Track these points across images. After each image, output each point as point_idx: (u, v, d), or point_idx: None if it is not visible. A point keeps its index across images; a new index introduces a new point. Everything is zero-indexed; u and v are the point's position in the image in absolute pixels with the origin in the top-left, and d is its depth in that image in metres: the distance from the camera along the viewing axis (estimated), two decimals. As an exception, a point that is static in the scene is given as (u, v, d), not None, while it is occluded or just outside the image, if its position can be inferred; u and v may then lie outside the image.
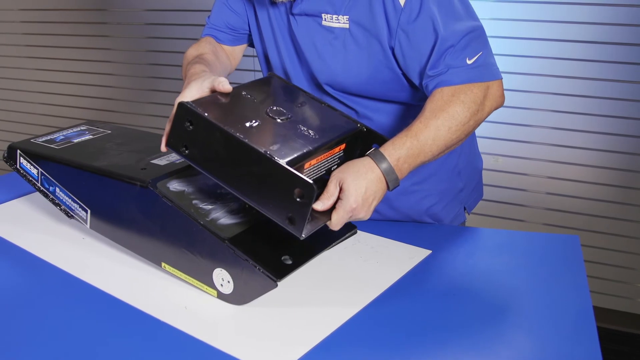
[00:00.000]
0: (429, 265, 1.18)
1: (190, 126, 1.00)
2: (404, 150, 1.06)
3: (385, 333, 0.99)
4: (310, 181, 0.90)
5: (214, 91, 1.08)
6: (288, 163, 0.94)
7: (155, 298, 1.09)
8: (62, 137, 1.38)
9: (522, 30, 2.23)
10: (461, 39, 1.14)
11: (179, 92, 3.14)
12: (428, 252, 1.22)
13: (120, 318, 1.05)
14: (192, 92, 1.06)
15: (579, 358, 0.93)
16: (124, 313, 1.06)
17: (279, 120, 1.04)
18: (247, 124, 0.99)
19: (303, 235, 0.94)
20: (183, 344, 0.98)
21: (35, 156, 1.32)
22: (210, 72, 1.18)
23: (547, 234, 1.33)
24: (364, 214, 1.03)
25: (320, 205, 0.99)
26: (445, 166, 1.37)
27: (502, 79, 1.18)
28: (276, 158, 0.93)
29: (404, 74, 1.22)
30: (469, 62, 1.14)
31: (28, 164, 1.33)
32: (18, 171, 1.36)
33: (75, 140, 1.36)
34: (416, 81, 1.20)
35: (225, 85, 1.06)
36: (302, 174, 0.93)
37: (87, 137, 1.38)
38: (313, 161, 1.01)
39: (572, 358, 0.93)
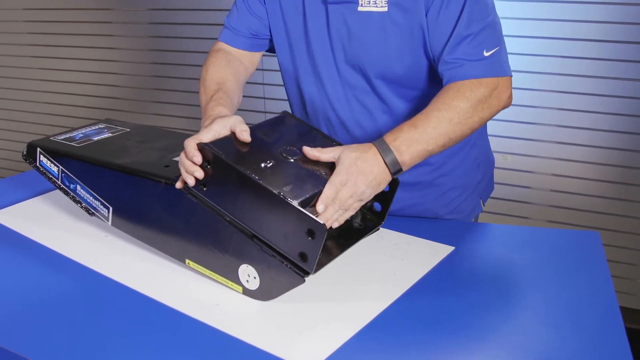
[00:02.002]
0: (452, 261, 1.19)
1: (208, 166, 1.05)
2: (400, 134, 1.10)
3: (415, 328, 1.00)
4: (322, 222, 0.96)
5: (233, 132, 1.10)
6: (300, 204, 0.99)
7: (181, 294, 1.10)
8: (81, 135, 1.38)
9: (530, 29, 2.24)
10: (482, 29, 1.16)
11: (183, 92, 3.15)
12: (451, 248, 1.23)
13: (146, 314, 1.05)
14: (211, 134, 1.08)
15: (607, 351, 0.93)
16: (150, 309, 1.06)
17: (292, 160, 1.08)
18: (262, 165, 1.04)
19: (313, 272, 1.01)
20: (212, 338, 0.98)
21: (55, 154, 1.32)
22: (231, 105, 1.20)
23: (567, 230, 1.35)
24: (362, 185, 1.04)
25: (311, 151, 1.08)
26: (468, 159, 1.39)
27: (511, 76, 1.20)
28: (289, 199, 0.98)
29: None
30: (486, 54, 1.16)
31: (48, 162, 1.33)
32: (38, 169, 1.36)
33: (94, 138, 1.36)
34: (435, 65, 1.22)
35: (245, 136, 1.08)
36: (313, 214, 0.98)
37: (106, 135, 1.38)
38: None
39: (599, 352, 0.93)
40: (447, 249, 1.22)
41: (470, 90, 1.14)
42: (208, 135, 1.06)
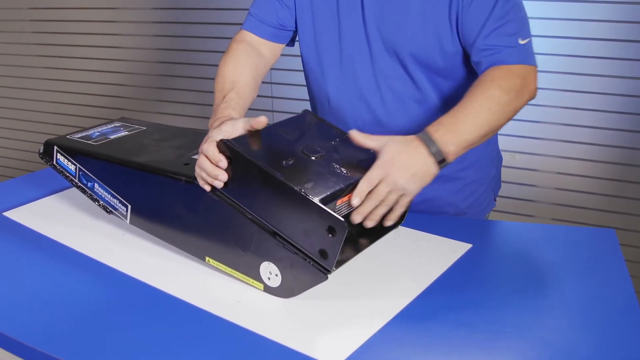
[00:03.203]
0: (471, 258, 1.20)
1: (230, 163, 1.05)
2: (442, 125, 1.10)
3: (437, 325, 1.00)
4: (342, 219, 0.96)
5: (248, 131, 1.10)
6: (321, 201, 0.99)
7: (202, 291, 1.10)
8: (98, 134, 1.38)
9: (536, 28, 2.24)
10: (516, 19, 1.20)
11: (188, 90, 3.14)
12: (469, 245, 1.23)
13: (167, 311, 1.05)
14: (221, 134, 1.08)
15: (629, 347, 0.94)
16: (171, 306, 1.06)
17: (312, 157, 1.09)
18: (283, 162, 1.05)
19: (333, 269, 1.01)
20: (234, 335, 0.98)
21: (73, 152, 1.32)
22: (242, 108, 1.20)
23: (583, 227, 1.36)
24: (401, 180, 1.03)
25: (357, 136, 1.08)
26: (485, 154, 1.41)
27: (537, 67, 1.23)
28: (310, 196, 0.99)
29: None
30: (521, 42, 1.19)
31: (65, 160, 1.34)
32: (54, 167, 1.37)
33: (111, 137, 1.36)
34: (468, 52, 1.24)
35: (260, 121, 1.06)
36: (334, 211, 0.99)
37: (123, 134, 1.38)
38: (345, 198, 1.06)
39: (622, 347, 0.94)
40: (465, 247, 1.23)
41: (504, 80, 1.16)
42: (219, 135, 1.06)
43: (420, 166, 1.06)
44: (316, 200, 0.99)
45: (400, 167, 1.04)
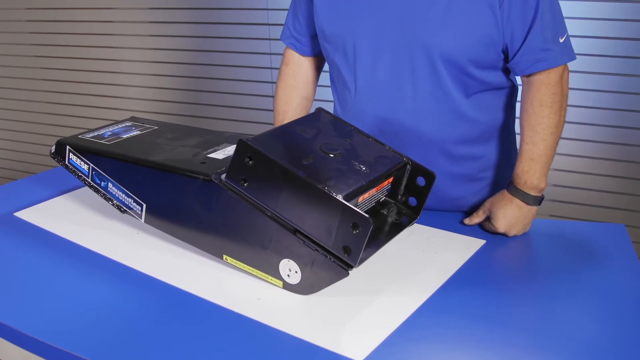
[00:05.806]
0: (485, 254, 1.21)
1: (250, 161, 1.06)
2: (524, 174, 1.28)
3: (456, 319, 1.02)
4: (367, 216, 0.97)
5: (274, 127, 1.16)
6: (344, 198, 1.01)
7: (221, 289, 1.11)
8: (110, 133, 1.38)
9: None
10: (556, 16, 1.23)
11: (188, 90, 3.10)
12: (483, 241, 1.25)
13: (188, 309, 1.06)
14: None
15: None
16: (192, 305, 1.07)
17: (331, 155, 1.10)
18: (304, 160, 1.06)
19: (357, 265, 1.02)
20: (257, 332, 0.99)
21: (86, 152, 1.32)
22: None
23: (594, 223, 1.37)
24: (510, 231, 1.28)
25: (467, 221, 1.33)
26: (506, 156, 1.41)
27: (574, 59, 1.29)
28: (334, 194, 1.00)
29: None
30: (561, 40, 1.23)
31: (78, 160, 1.33)
32: (67, 167, 1.36)
33: (124, 136, 1.36)
34: (508, 51, 1.26)
35: None
36: (357, 207, 1.00)
37: (135, 133, 1.38)
38: (365, 195, 1.08)
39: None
40: (479, 242, 1.24)
41: (549, 99, 1.25)
42: None
43: (524, 218, 1.28)
44: (340, 197, 1.00)
45: (512, 227, 1.27)
